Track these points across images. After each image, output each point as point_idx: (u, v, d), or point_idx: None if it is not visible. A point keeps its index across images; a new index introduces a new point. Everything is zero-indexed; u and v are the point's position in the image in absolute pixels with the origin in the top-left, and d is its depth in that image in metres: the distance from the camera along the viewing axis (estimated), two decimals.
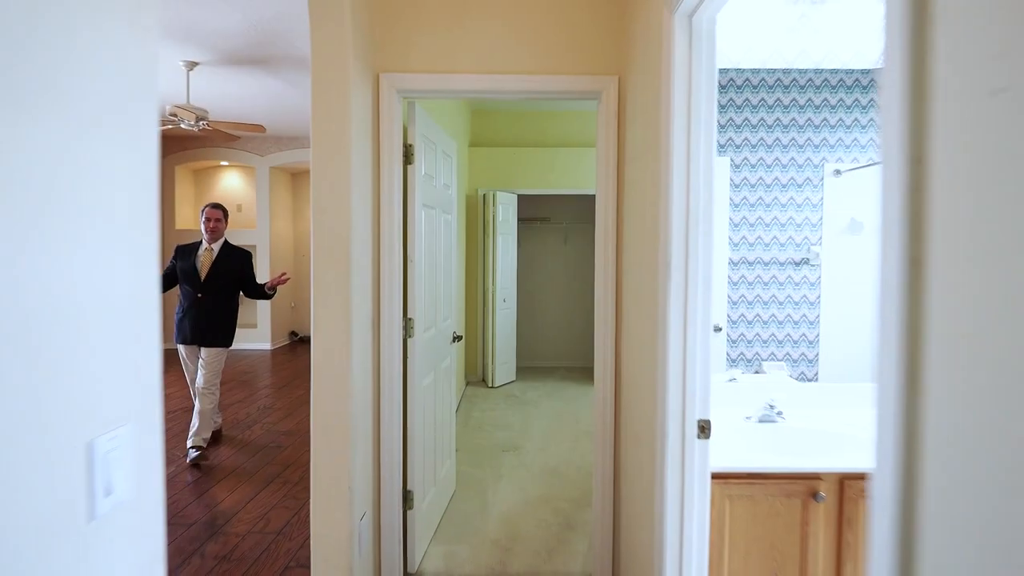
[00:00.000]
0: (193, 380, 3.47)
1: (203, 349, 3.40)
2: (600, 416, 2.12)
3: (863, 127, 1.96)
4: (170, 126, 4.42)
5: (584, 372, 5.85)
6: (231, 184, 7.66)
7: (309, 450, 1.80)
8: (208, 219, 3.50)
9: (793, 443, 1.72)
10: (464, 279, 5.12)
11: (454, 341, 2.81)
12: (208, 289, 3.38)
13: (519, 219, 5.66)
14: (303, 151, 7.10)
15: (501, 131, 5.51)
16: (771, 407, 1.79)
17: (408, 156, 2.16)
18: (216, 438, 3.71)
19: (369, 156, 1.98)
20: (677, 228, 1.37)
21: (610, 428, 2.10)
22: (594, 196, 5.06)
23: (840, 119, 1.95)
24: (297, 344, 7.66)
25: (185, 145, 7.09)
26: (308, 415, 2.31)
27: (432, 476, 2.48)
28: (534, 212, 5.96)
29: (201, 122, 4.40)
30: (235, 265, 3.47)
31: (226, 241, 3.56)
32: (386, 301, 2.03)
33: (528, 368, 5.96)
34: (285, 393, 4.95)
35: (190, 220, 7.51)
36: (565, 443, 3.75)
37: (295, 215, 7.99)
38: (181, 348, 3.45)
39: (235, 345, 6.92)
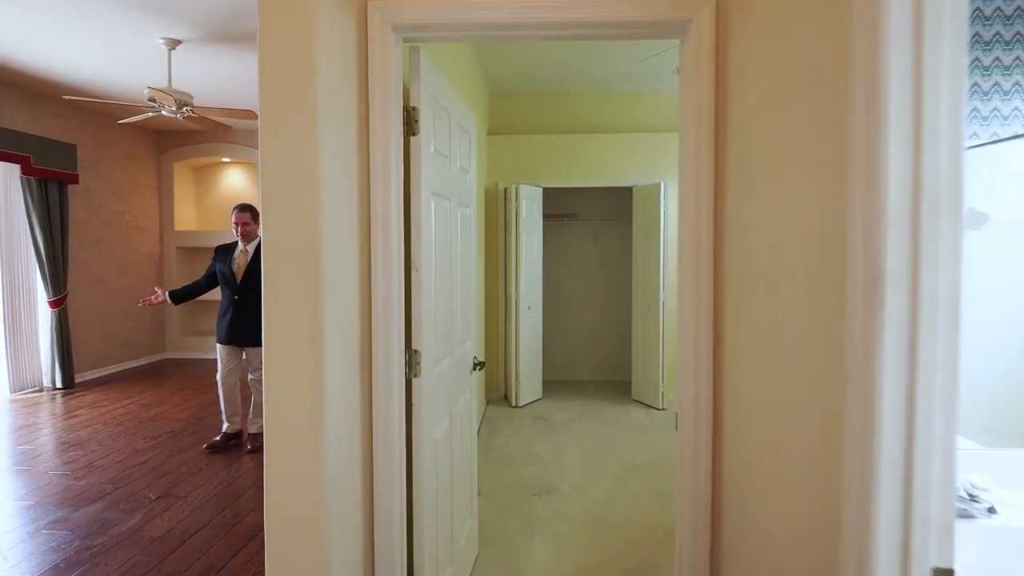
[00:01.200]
0: (224, 377, 3.55)
1: (246, 349, 3.51)
2: (689, 492, 1.48)
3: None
4: (150, 113, 3.89)
5: (616, 387, 5.21)
6: (234, 182, 7.18)
7: None
8: (236, 223, 3.51)
9: None
10: (484, 286, 4.52)
11: (475, 369, 2.20)
12: (245, 290, 3.43)
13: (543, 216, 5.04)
14: None
15: (522, 116, 4.89)
16: None
17: (411, 124, 1.55)
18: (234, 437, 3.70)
19: (353, 122, 1.38)
20: (898, 214, 0.73)
21: (703, 526, 1.45)
22: (630, 188, 4.37)
23: None
24: None
25: (182, 140, 6.61)
26: None
27: (448, 550, 1.88)
28: (560, 208, 5.33)
29: (185, 108, 3.87)
30: None
31: (260, 241, 3.32)
32: (380, 327, 1.43)
33: (555, 383, 5.34)
34: None
35: (191, 221, 7.04)
36: (607, 481, 3.12)
37: None
38: (220, 348, 3.53)
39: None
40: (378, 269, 1.41)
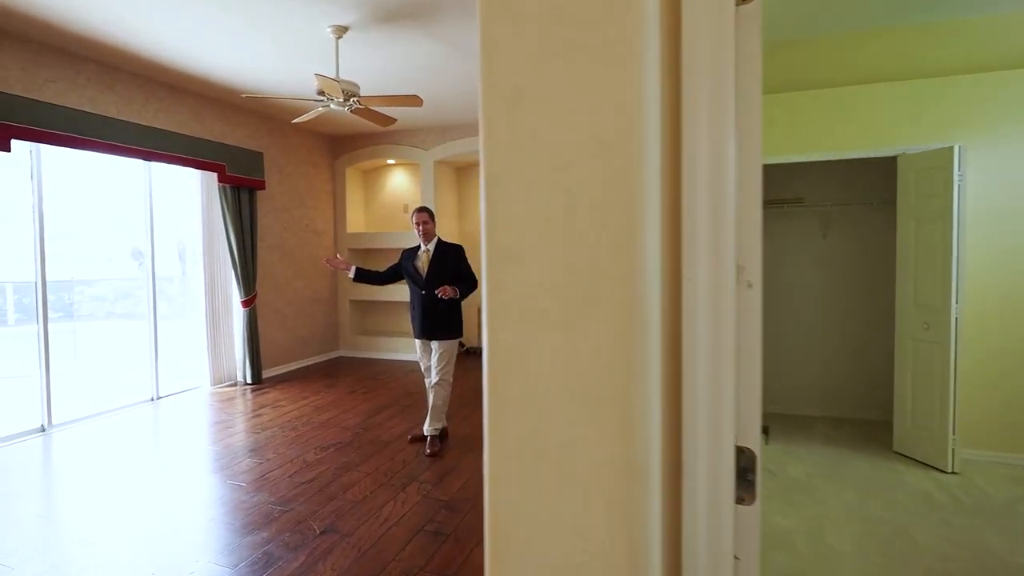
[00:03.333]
0: (426, 372, 3.74)
1: (433, 343, 3.63)
2: None
3: None
4: (320, 108, 3.72)
5: (862, 431, 3.91)
6: (397, 183, 7.20)
7: None
8: (417, 223, 3.69)
9: None
10: None
11: None
12: (430, 287, 3.57)
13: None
14: (468, 141, 6.25)
15: None
16: None
17: None
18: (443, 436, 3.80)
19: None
20: None
21: None
22: (891, 159, 2.97)
23: None
24: (463, 355, 6.89)
25: (353, 144, 6.75)
26: None
27: None
28: (777, 191, 4.19)
29: (352, 100, 3.62)
30: (450, 261, 3.64)
31: (439, 240, 3.74)
32: (697, 399, 0.69)
33: (773, 417, 4.21)
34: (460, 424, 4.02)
35: (360, 223, 7.21)
36: None
37: (460, 213, 7.25)
38: (417, 342, 3.73)
39: (403, 357, 6.23)
40: (698, 283, 0.66)
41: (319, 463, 3.38)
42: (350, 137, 6.76)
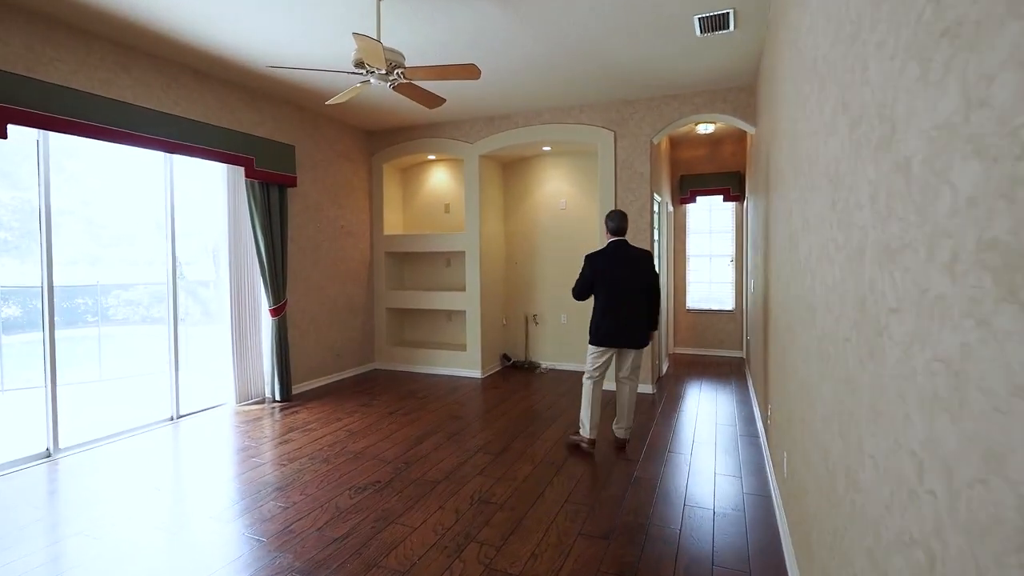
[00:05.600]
0: (595, 380, 3.62)
1: (622, 350, 3.63)
2: None
3: None
4: (357, 84, 3.14)
5: None
6: (438, 181, 6.63)
7: None
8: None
9: None
10: None
11: None
12: (623, 294, 3.53)
13: None
14: (518, 132, 5.62)
15: None
16: None
17: None
18: (621, 447, 3.71)
19: None
20: None
21: None
22: None
23: None
24: (510, 371, 6.24)
25: (392, 139, 6.21)
26: None
27: None
28: None
29: (397, 72, 3.03)
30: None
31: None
32: None
33: None
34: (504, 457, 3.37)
35: (397, 224, 6.66)
36: None
37: (506, 213, 6.62)
38: (593, 350, 3.63)
39: (444, 371, 5.58)
40: None
41: (355, 511, 2.77)
42: (388, 132, 6.23)
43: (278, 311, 4.83)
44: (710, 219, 7.38)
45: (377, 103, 5.12)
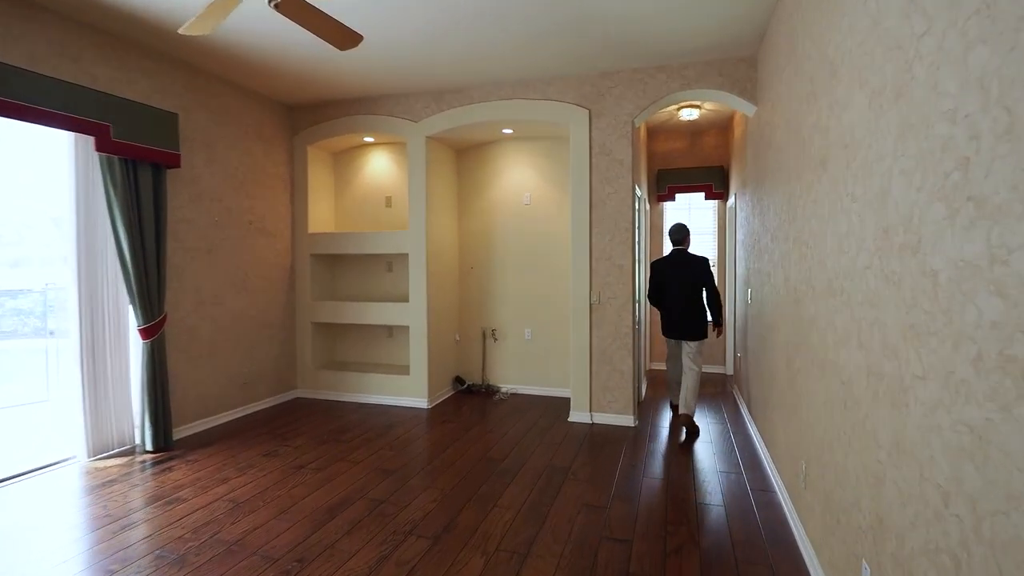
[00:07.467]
0: (671, 366, 4.46)
1: (683, 342, 4.22)
2: None
3: None
4: None
5: None
6: (378, 169, 5.54)
7: None
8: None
9: None
10: None
11: None
12: (678, 292, 4.20)
13: None
14: (474, 109, 4.61)
15: None
16: None
17: None
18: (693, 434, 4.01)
19: None
20: None
21: None
22: None
23: None
24: (464, 397, 5.20)
25: (320, 114, 5.09)
26: None
27: None
28: None
29: None
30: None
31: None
32: None
33: None
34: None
35: (328, 221, 5.52)
36: None
37: (461, 208, 5.59)
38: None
39: (381, 399, 4.45)
40: None
41: None
42: (313, 106, 5.10)
43: (152, 331, 3.64)
44: (689, 219, 6.57)
45: (297, 66, 4.01)
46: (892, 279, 1.49)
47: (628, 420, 4.29)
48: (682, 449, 3.75)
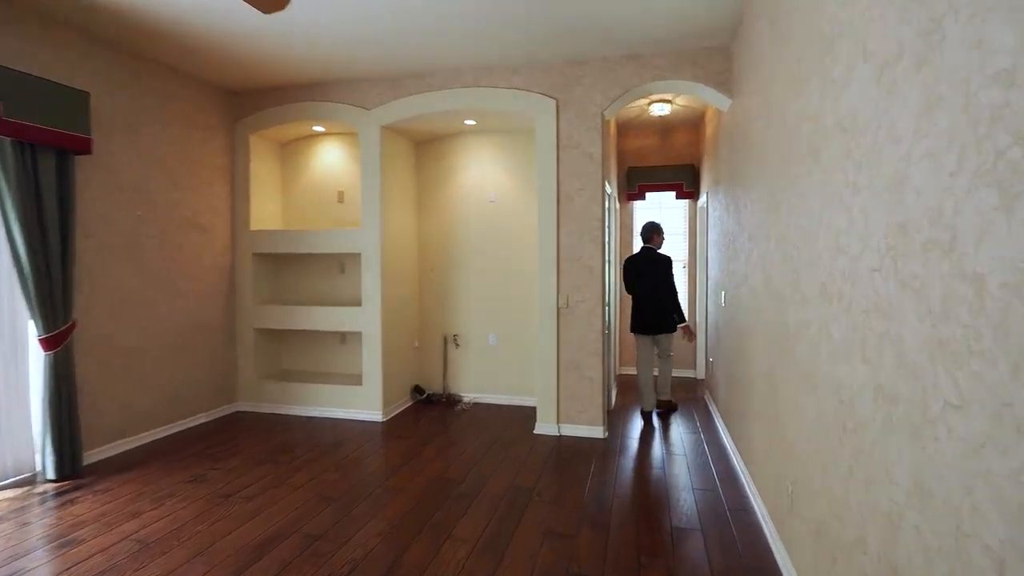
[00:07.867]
0: (640, 363, 4.52)
1: (655, 336, 4.54)
2: None
3: None
4: None
5: None
6: (330, 161, 5.13)
7: None
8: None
9: None
10: None
11: None
12: (650, 289, 4.48)
13: None
14: (433, 97, 4.27)
15: None
16: None
17: None
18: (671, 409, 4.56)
19: None
20: None
21: None
22: None
23: None
24: (423, 408, 4.84)
25: (264, 101, 4.65)
26: None
27: None
28: None
29: None
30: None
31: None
32: None
33: None
34: None
35: (274, 218, 5.08)
36: None
37: (420, 205, 5.23)
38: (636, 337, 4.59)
39: (332, 412, 4.00)
40: None
41: None
42: (257, 91, 4.66)
43: (56, 341, 3.16)
44: (660, 218, 6.37)
45: (234, 44, 3.58)
46: (911, 284, 1.24)
47: (598, 431, 4.01)
48: (653, 464, 3.49)
